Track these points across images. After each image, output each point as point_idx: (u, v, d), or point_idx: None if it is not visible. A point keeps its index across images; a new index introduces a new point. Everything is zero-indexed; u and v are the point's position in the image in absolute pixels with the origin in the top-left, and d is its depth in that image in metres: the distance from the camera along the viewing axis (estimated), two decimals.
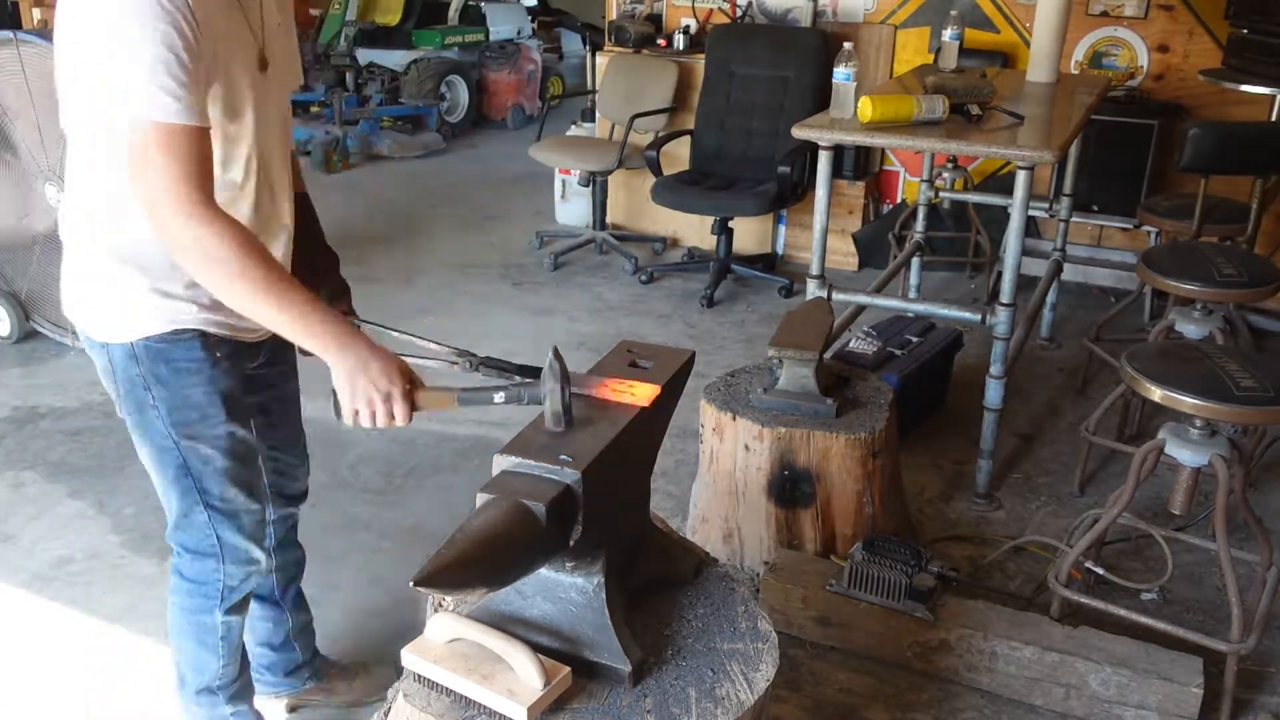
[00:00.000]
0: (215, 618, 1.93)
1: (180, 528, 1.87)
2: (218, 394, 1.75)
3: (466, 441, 3.48)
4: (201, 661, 1.98)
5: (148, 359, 1.70)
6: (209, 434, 1.76)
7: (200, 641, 1.96)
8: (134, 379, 1.72)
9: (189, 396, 1.73)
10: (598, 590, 1.52)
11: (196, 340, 1.71)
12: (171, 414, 1.74)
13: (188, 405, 1.74)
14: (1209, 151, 3.26)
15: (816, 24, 5.13)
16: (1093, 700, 2.25)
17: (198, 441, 1.76)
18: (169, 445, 1.77)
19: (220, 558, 1.88)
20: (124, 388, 1.75)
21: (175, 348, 1.70)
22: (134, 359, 1.70)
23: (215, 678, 1.99)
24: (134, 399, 1.75)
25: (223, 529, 1.85)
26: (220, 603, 1.91)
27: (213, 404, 1.75)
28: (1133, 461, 2.34)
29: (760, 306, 4.74)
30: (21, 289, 4.09)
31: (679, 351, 1.78)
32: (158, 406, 1.73)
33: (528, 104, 8.94)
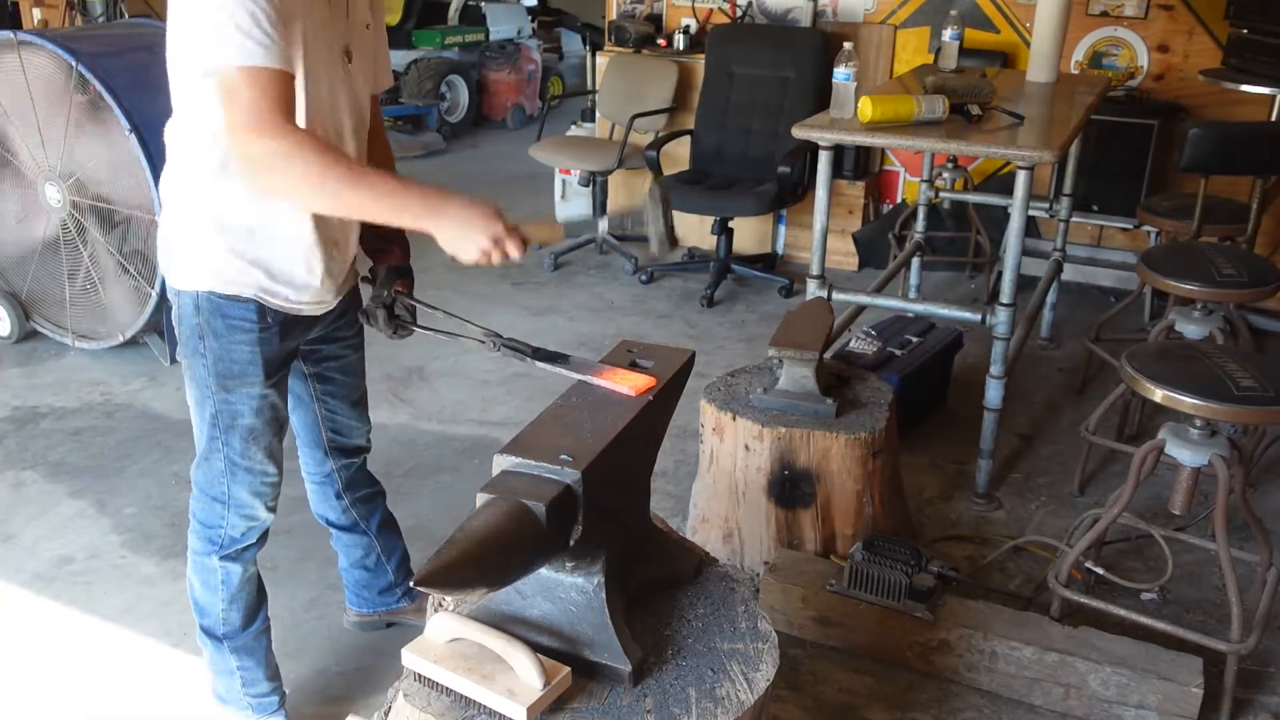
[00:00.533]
0: (214, 561, 2.06)
1: (200, 467, 2.02)
2: (260, 357, 1.89)
3: (466, 441, 3.48)
4: (205, 601, 2.11)
5: (207, 310, 1.85)
6: (244, 391, 1.91)
7: (204, 582, 2.10)
8: (192, 327, 1.87)
9: (234, 352, 1.88)
10: (598, 590, 1.52)
11: (253, 305, 1.85)
12: (216, 365, 1.89)
13: (231, 360, 1.88)
14: (1209, 151, 3.26)
15: (816, 24, 5.13)
16: (1093, 700, 2.25)
17: (232, 396, 1.91)
18: (208, 393, 1.92)
19: (226, 505, 2.01)
20: (184, 333, 1.90)
21: (233, 305, 1.84)
22: (196, 308, 1.85)
23: (219, 622, 2.11)
24: (189, 345, 1.90)
25: (234, 481, 1.99)
26: (219, 548, 2.05)
27: (254, 364, 1.89)
28: (1133, 461, 2.34)
29: (760, 306, 4.74)
30: (21, 289, 4.09)
31: (679, 351, 1.79)
32: (205, 355, 1.88)
33: (528, 104, 8.94)
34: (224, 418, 1.93)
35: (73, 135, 3.70)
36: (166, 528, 2.96)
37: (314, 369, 2.12)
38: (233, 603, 2.10)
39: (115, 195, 3.72)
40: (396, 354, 3.89)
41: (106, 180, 3.72)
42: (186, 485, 3.13)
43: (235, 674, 2.15)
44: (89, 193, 3.76)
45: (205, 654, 2.17)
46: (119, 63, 3.70)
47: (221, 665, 2.15)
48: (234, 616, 2.11)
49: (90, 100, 3.61)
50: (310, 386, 2.15)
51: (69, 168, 3.75)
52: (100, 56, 3.66)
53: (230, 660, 2.14)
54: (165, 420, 3.57)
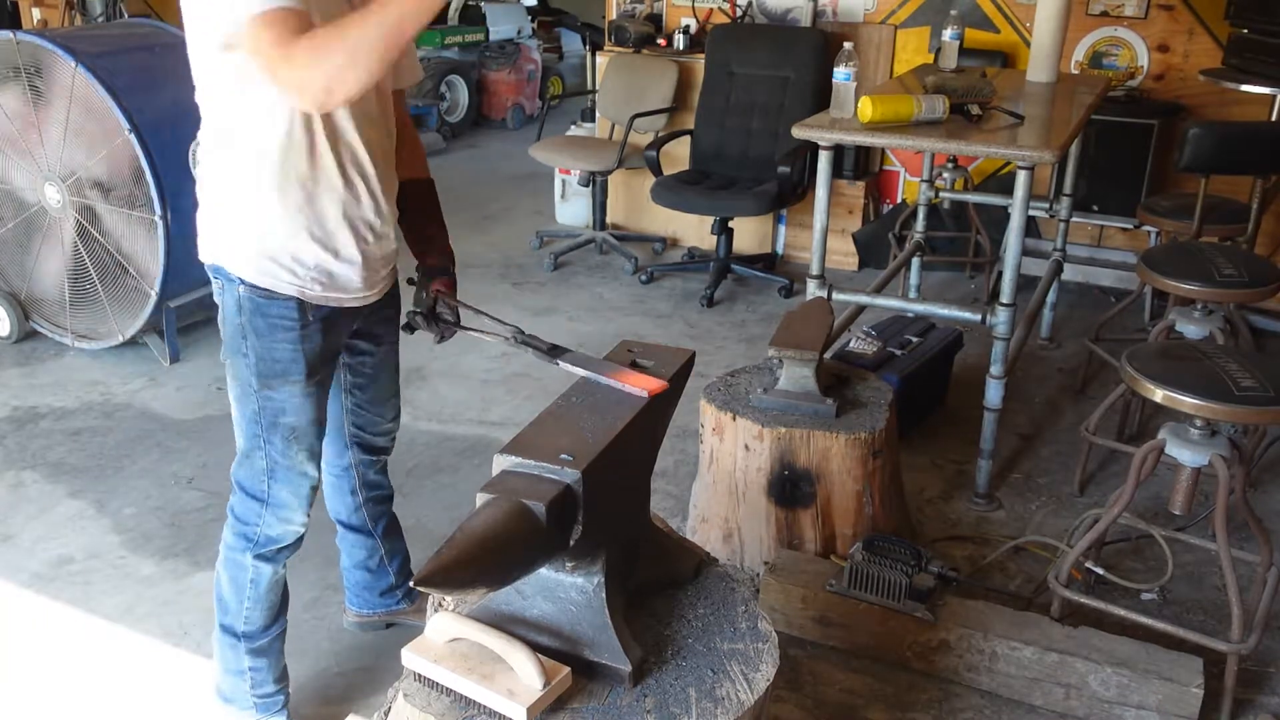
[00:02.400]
0: (247, 559, 2.07)
1: (242, 465, 2.03)
2: (303, 355, 1.91)
3: (466, 441, 3.48)
4: (230, 598, 2.12)
5: (250, 309, 1.88)
6: (287, 390, 1.93)
7: (232, 578, 2.10)
8: (236, 326, 1.90)
9: (276, 351, 1.90)
10: (598, 590, 1.52)
11: (293, 302, 1.87)
12: (259, 364, 1.91)
13: (274, 359, 1.91)
14: (1209, 151, 3.26)
15: (816, 24, 5.13)
16: (1093, 700, 2.25)
17: (275, 394, 1.93)
18: (250, 390, 1.94)
19: (265, 504, 2.03)
20: (228, 332, 1.92)
21: (273, 304, 1.87)
22: (239, 309, 1.88)
23: (240, 620, 2.11)
24: (233, 344, 1.92)
25: (275, 481, 2.01)
26: (254, 546, 2.06)
27: (296, 363, 1.92)
28: (1133, 461, 2.34)
29: (760, 306, 4.74)
30: (21, 289, 4.09)
31: (679, 351, 1.79)
32: (248, 355, 1.91)
33: (528, 104, 8.94)
34: (266, 415, 1.95)
35: (73, 135, 3.70)
36: (166, 528, 2.96)
37: (347, 360, 2.14)
38: (258, 603, 2.11)
39: (115, 195, 3.72)
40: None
41: (106, 180, 3.72)
42: (186, 485, 3.15)
43: (246, 674, 2.15)
44: (89, 193, 3.76)
45: (217, 651, 2.17)
46: (119, 63, 3.70)
47: (233, 664, 2.15)
48: (256, 616, 2.12)
49: (90, 100, 3.61)
50: (341, 377, 2.17)
51: (69, 168, 3.75)
52: (100, 56, 3.66)
53: (244, 660, 2.14)
54: (165, 420, 3.56)
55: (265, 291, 1.86)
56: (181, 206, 3.49)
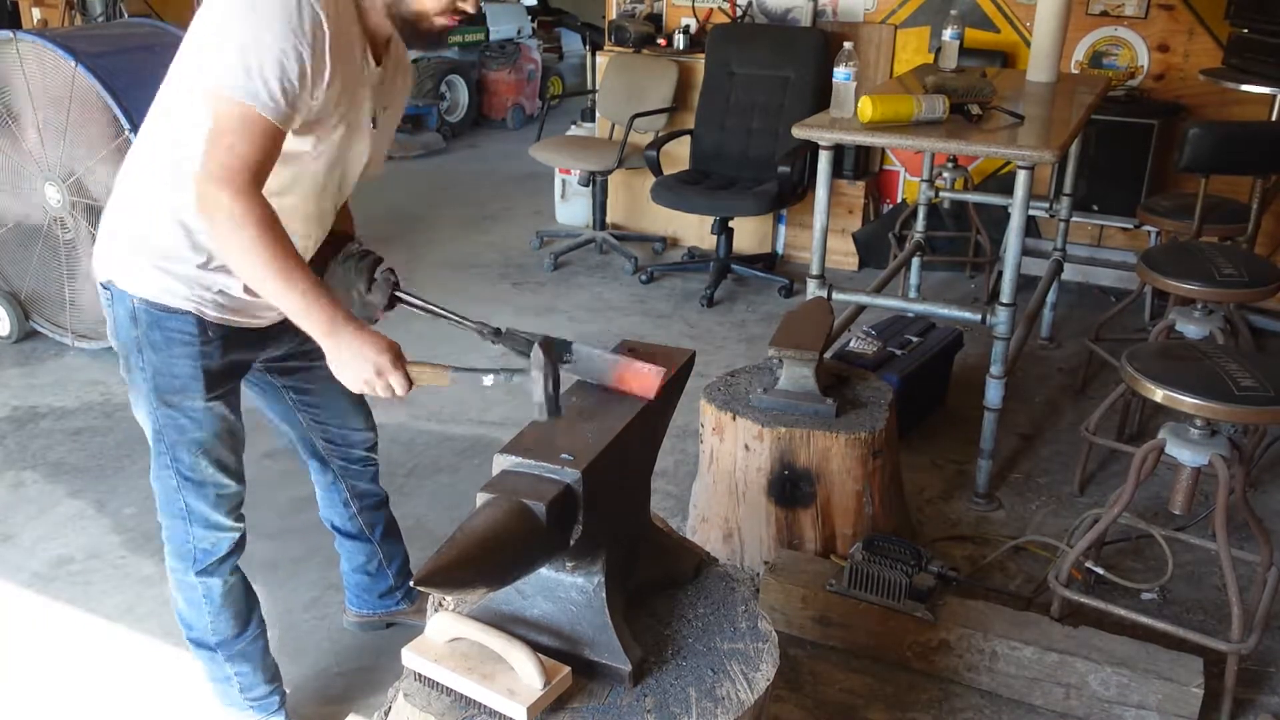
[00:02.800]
0: (191, 577, 2.02)
1: (156, 479, 1.97)
2: (202, 370, 1.84)
3: (466, 441, 3.48)
4: (190, 617, 2.08)
5: (145, 322, 1.80)
6: (187, 405, 1.86)
7: (186, 599, 2.06)
8: (131, 339, 1.83)
9: (174, 366, 1.83)
10: (598, 590, 1.52)
11: (192, 317, 1.80)
12: (155, 379, 1.84)
13: (171, 374, 1.83)
14: (1209, 151, 3.26)
15: (816, 24, 5.13)
16: (1093, 700, 2.25)
17: (175, 410, 1.86)
18: (150, 408, 1.87)
19: (187, 520, 1.97)
20: (122, 344, 1.86)
21: (171, 318, 1.80)
22: (134, 321, 1.81)
23: (209, 633, 2.07)
24: (131, 360, 1.85)
25: (189, 496, 1.94)
26: (193, 564, 2.00)
27: (195, 378, 1.84)
28: (1133, 461, 2.34)
29: (760, 306, 4.74)
30: (21, 289, 4.09)
31: (679, 351, 1.79)
32: (145, 369, 1.84)
33: (528, 104, 8.94)
34: (169, 432, 1.87)
35: (73, 135, 3.70)
36: None
37: (287, 381, 2.08)
38: (219, 614, 2.06)
39: None
40: None
41: (106, 180, 3.71)
42: None
43: (232, 680, 2.12)
44: (89, 193, 3.76)
45: (198, 666, 2.14)
46: (119, 62, 3.70)
47: (217, 673, 2.12)
48: (223, 626, 2.07)
49: (90, 100, 3.61)
50: (286, 398, 2.12)
51: (69, 168, 3.75)
52: (100, 56, 3.66)
53: (225, 668, 2.11)
54: None
55: (161, 306, 1.79)
56: None
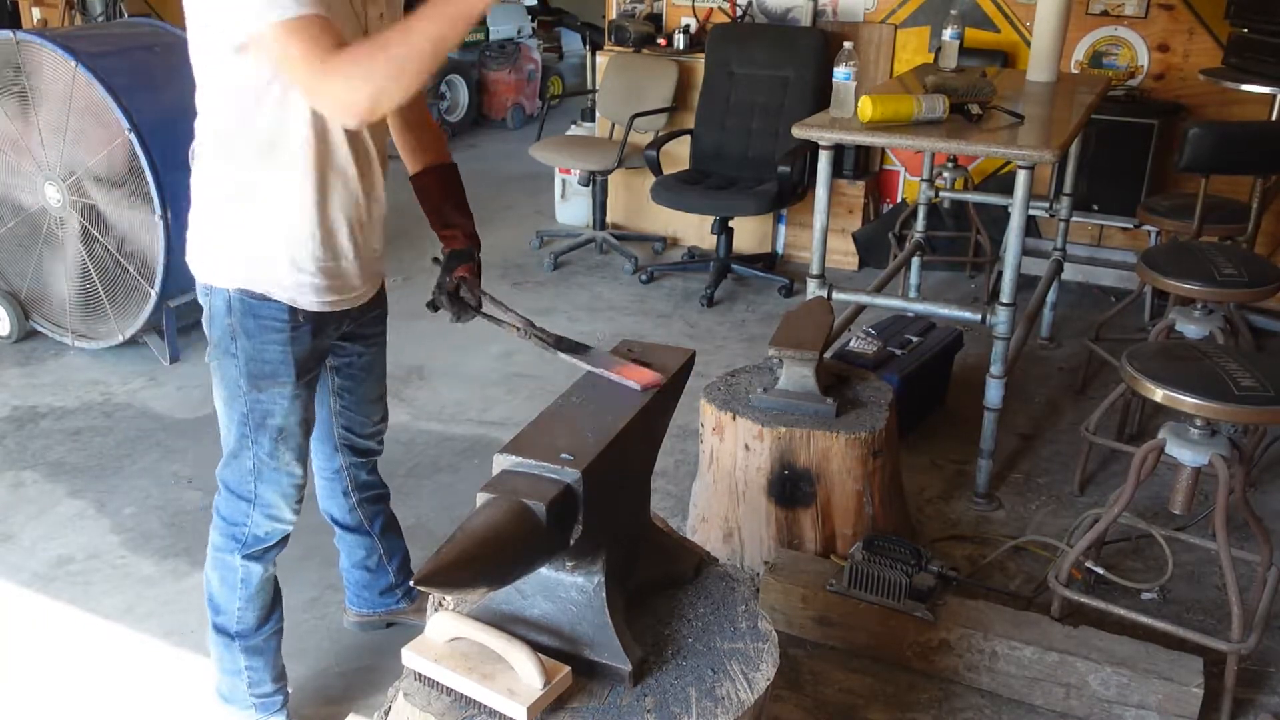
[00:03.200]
0: (235, 559, 2.07)
1: (229, 465, 2.02)
2: (293, 357, 1.91)
3: (466, 441, 3.48)
4: (221, 598, 2.11)
5: (240, 310, 1.87)
6: (275, 391, 1.93)
7: (222, 578, 2.10)
8: (225, 327, 1.89)
9: (266, 352, 1.89)
10: (598, 589, 1.52)
11: (284, 305, 1.87)
12: (248, 365, 1.90)
13: (264, 360, 1.90)
14: (1209, 151, 3.26)
15: (816, 23, 5.13)
16: (1093, 700, 2.25)
17: (263, 395, 1.93)
18: (239, 392, 1.93)
19: (253, 504, 2.02)
20: (216, 333, 1.91)
21: (265, 305, 1.86)
22: (229, 309, 1.87)
23: (233, 620, 2.11)
24: (222, 345, 1.91)
25: (261, 481, 2.00)
26: (242, 546, 2.05)
27: (285, 364, 1.91)
28: (1133, 461, 2.34)
29: (760, 306, 4.74)
30: (21, 289, 4.09)
31: (679, 351, 1.79)
32: (237, 355, 1.90)
33: (528, 104, 8.93)
34: (254, 417, 1.94)
35: (73, 135, 3.70)
36: (166, 528, 2.96)
37: (334, 362, 2.13)
38: (250, 602, 2.11)
39: (115, 195, 3.72)
40: (396, 354, 3.89)
41: (106, 180, 3.72)
42: (186, 485, 3.15)
43: (243, 674, 2.15)
44: (89, 193, 3.76)
45: (214, 652, 2.16)
46: (119, 62, 3.70)
47: (230, 664, 2.15)
48: (249, 616, 2.12)
49: (90, 100, 3.61)
50: (329, 379, 2.16)
51: (69, 168, 3.75)
52: (100, 56, 3.66)
53: (240, 659, 2.14)
54: (165, 420, 3.57)
55: (257, 295, 1.86)
56: (181, 206, 3.47)
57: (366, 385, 2.21)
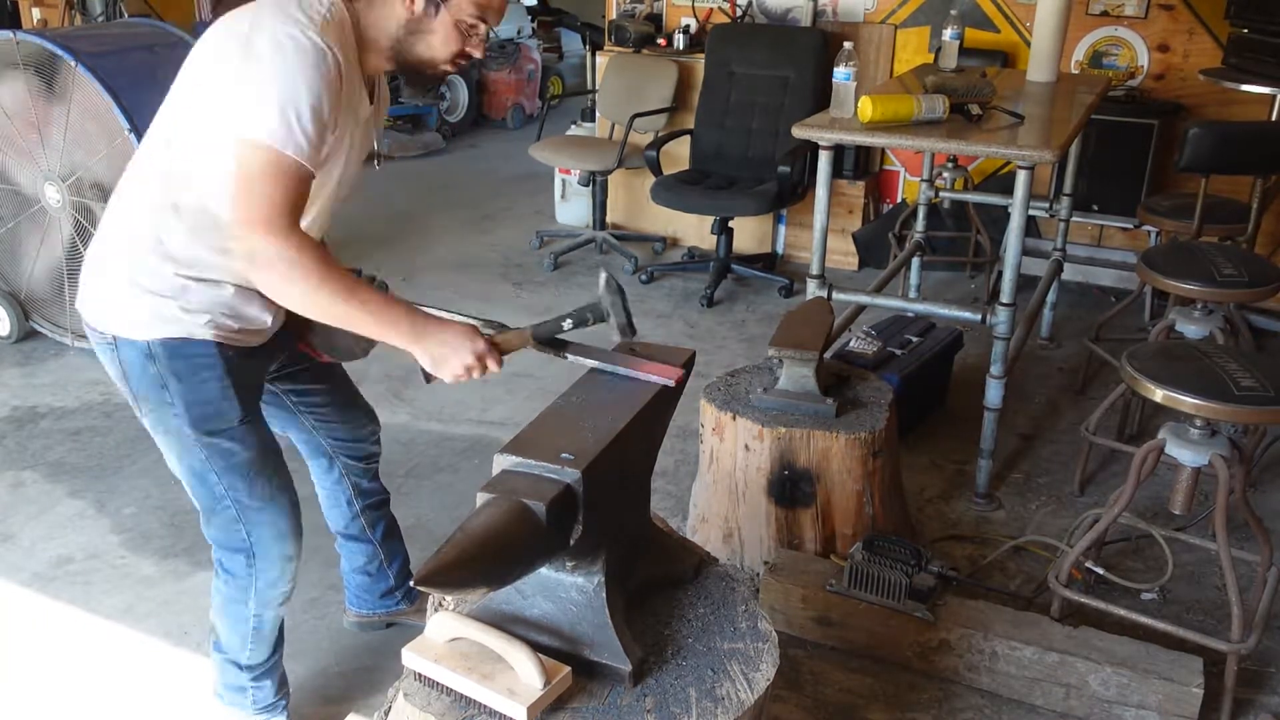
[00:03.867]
0: (249, 609, 2.00)
1: (211, 523, 1.93)
2: (233, 387, 1.81)
3: (466, 441, 3.48)
4: (229, 640, 2.07)
5: (164, 356, 1.75)
6: (226, 430, 1.82)
7: (233, 627, 2.04)
8: (151, 378, 1.77)
9: (205, 391, 1.79)
10: (598, 590, 1.52)
11: (211, 343, 1.78)
12: (189, 410, 1.79)
13: (205, 400, 1.79)
14: (1209, 151, 3.26)
15: (816, 24, 5.13)
16: (1093, 700, 2.25)
17: (218, 437, 1.82)
18: (190, 443, 1.82)
19: (250, 554, 1.93)
20: (141, 388, 1.79)
21: (190, 344, 1.76)
22: (150, 358, 1.76)
23: (243, 655, 2.08)
24: (152, 399, 1.80)
25: (251, 525, 1.91)
26: (256, 595, 1.98)
27: (227, 398, 1.80)
28: (1133, 461, 2.34)
29: (760, 306, 4.74)
30: (21, 289, 4.09)
31: (679, 351, 1.79)
32: (174, 403, 1.78)
33: (528, 104, 8.94)
34: (216, 462, 1.83)
35: (73, 135, 3.70)
36: (166, 528, 2.96)
37: (286, 386, 2.07)
38: (261, 643, 2.07)
39: None
40: (396, 354, 3.90)
41: (106, 180, 3.71)
42: None
43: (247, 691, 2.12)
44: (89, 193, 3.76)
45: (217, 671, 2.12)
46: (119, 63, 3.70)
47: (234, 682, 2.12)
48: (260, 652, 2.08)
49: (90, 100, 3.61)
50: (287, 401, 2.10)
51: (69, 168, 3.75)
52: (100, 56, 3.66)
53: (245, 681, 2.11)
54: None
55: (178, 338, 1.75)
56: None
57: (333, 394, 2.14)
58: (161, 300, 1.73)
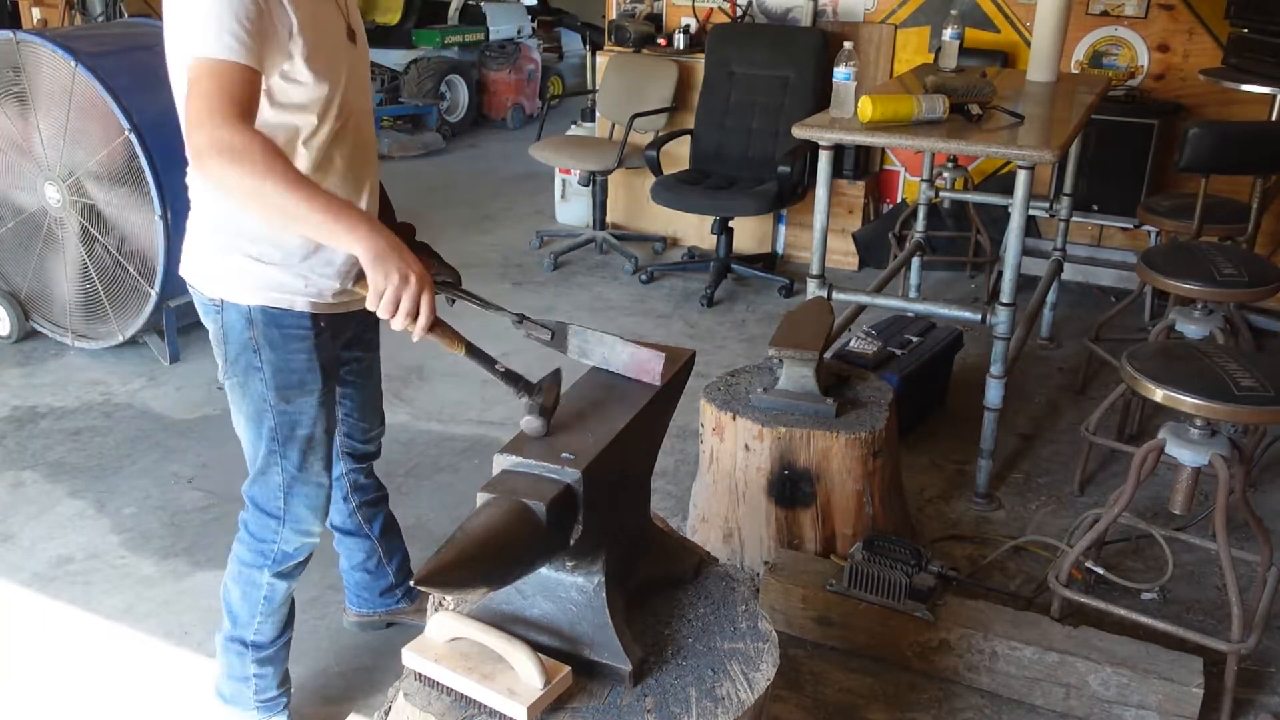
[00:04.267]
0: (264, 576, 2.05)
1: (257, 483, 2.00)
2: (318, 363, 1.89)
3: (466, 441, 3.48)
4: (240, 610, 2.10)
5: (262, 323, 1.83)
6: (303, 400, 1.91)
7: (245, 594, 2.08)
8: (245, 342, 1.85)
9: (293, 362, 1.87)
10: (598, 589, 1.52)
11: (307, 314, 1.84)
12: (275, 376, 1.87)
13: (290, 370, 1.87)
14: (1209, 151, 3.26)
15: (816, 24, 5.13)
16: (1093, 700, 2.25)
17: (291, 406, 1.91)
18: (266, 407, 1.90)
19: (282, 521, 2.00)
20: (234, 349, 1.87)
21: (287, 314, 1.83)
22: (249, 322, 1.83)
23: (250, 631, 2.10)
24: (243, 360, 1.87)
25: (292, 495, 1.98)
26: (272, 563, 2.04)
27: (312, 371, 1.89)
28: (1133, 461, 2.34)
29: (760, 306, 4.74)
30: (21, 289, 4.09)
31: (679, 351, 1.79)
32: (263, 369, 1.86)
33: (528, 104, 8.94)
34: (283, 430, 1.92)
35: (73, 135, 3.70)
36: (166, 528, 2.96)
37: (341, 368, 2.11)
38: (270, 616, 2.10)
39: (115, 195, 3.72)
40: (396, 353, 3.89)
41: (106, 180, 3.72)
42: (186, 485, 3.15)
43: (250, 680, 2.13)
44: (89, 192, 3.76)
45: (222, 657, 2.15)
46: (118, 62, 3.70)
47: (238, 671, 2.14)
48: (267, 629, 2.11)
49: (90, 100, 3.61)
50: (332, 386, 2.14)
51: (69, 168, 3.75)
52: (100, 56, 3.66)
53: (250, 667, 2.13)
54: (164, 420, 3.56)
55: (280, 307, 1.82)
56: (181, 206, 3.48)
57: (367, 390, 2.21)
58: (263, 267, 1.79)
